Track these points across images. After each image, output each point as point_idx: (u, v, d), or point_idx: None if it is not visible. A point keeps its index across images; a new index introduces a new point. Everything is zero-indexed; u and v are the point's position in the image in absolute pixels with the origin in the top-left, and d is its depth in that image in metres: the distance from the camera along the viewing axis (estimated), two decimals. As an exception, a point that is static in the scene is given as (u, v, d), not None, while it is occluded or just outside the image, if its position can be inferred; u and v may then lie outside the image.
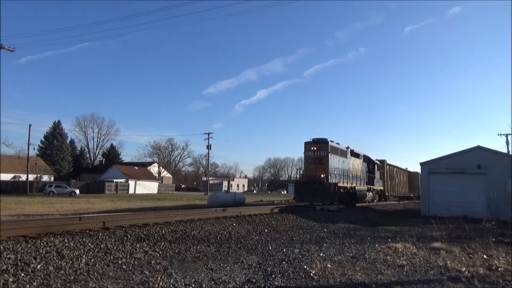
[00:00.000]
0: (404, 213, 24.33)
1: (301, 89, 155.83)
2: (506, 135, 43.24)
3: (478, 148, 21.54)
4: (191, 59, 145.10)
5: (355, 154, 27.57)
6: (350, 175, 25.75)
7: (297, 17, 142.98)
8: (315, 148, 22.50)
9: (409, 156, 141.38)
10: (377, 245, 9.73)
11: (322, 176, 21.58)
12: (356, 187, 26.20)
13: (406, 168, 45.22)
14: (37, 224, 8.42)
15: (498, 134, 67.38)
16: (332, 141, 23.29)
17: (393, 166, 39.34)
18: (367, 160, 30.69)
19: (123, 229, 9.22)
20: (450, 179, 21.29)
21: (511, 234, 12.45)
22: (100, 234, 8.41)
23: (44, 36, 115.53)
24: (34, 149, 59.71)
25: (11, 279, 5.18)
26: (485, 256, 8.48)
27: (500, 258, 8.37)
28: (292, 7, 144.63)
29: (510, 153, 38.76)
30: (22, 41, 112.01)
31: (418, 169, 43.87)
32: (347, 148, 26.08)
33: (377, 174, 32.84)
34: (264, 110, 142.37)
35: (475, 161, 20.79)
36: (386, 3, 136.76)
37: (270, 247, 9.02)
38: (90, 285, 5.25)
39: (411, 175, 45.53)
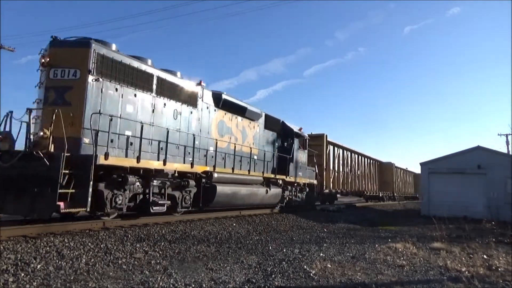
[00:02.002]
0: (404, 213, 24.38)
1: (301, 89, 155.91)
2: (506, 135, 43.21)
3: (478, 148, 21.59)
4: (191, 59, 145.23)
5: (233, 107, 13.76)
6: (202, 148, 12.17)
7: (297, 17, 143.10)
8: (48, 60, 8.99)
9: (408, 156, 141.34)
10: (377, 245, 9.74)
11: (45, 136, 7.89)
12: (222, 175, 12.57)
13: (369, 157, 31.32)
14: (37, 224, 8.41)
15: (498, 134, 67.59)
16: (125, 54, 9.95)
17: (346, 149, 25.74)
18: (275, 127, 17.03)
19: (123, 229, 9.22)
20: (450, 179, 21.31)
21: (511, 234, 12.48)
22: (100, 234, 8.40)
23: (44, 36, 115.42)
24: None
25: (11, 279, 5.18)
26: (485, 256, 8.50)
27: (500, 258, 8.39)
28: (291, 7, 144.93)
29: (510, 153, 38.77)
30: (22, 41, 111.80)
31: (406, 166, 42.83)
32: (200, 84, 12.26)
33: (301, 156, 18.40)
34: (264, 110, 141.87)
35: (475, 161, 20.84)
36: (385, 3, 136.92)
37: (270, 247, 9.02)
38: (90, 285, 5.25)
39: (383, 166, 33.97)
